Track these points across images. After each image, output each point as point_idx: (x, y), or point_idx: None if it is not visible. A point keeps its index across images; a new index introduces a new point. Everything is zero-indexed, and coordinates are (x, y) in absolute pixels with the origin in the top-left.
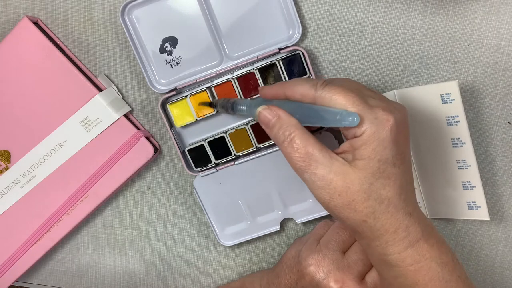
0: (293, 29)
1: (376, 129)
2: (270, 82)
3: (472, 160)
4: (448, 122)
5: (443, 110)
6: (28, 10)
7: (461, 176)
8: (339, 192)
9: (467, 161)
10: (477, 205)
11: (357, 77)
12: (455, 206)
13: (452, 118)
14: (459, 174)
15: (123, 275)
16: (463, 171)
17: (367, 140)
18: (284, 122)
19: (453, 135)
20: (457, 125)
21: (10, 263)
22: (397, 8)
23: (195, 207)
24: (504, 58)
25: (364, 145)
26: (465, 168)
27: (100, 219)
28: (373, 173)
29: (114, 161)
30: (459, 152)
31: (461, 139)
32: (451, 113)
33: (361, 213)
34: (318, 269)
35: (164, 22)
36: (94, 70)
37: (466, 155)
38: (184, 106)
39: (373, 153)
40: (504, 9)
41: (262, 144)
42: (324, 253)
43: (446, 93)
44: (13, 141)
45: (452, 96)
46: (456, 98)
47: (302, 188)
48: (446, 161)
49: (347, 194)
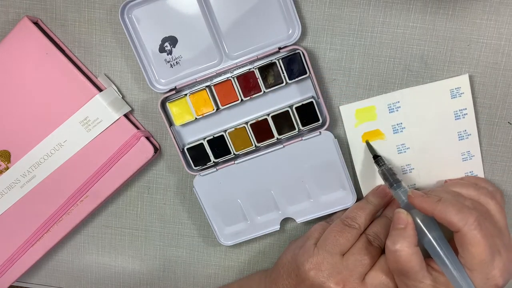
0: (293, 28)
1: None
2: (270, 81)
3: (477, 150)
4: (456, 116)
5: (451, 105)
6: (28, 10)
7: (465, 167)
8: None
9: (471, 151)
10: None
11: (357, 77)
12: None
13: (460, 111)
14: (463, 165)
15: (123, 275)
16: (466, 162)
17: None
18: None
19: (460, 128)
20: (465, 118)
21: (10, 263)
22: (397, 8)
23: (195, 207)
24: (504, 58)
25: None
26: (469, 159)
27: (100, 219)
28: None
29: (114, 161)
30: (465, 144)
31: (467, 130)
32: (459, 106)
33: None
34: (318, 273)
35: (163, 22)
36: (94, 70)
37: (471, 146)
38: (183, 105)
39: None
40: (504, 9)
41: (262, 143)
42: (323, 256)
43: (456, 87)
44: (13, 141)
45: (462, 90)
46: (465, 91)
47: (302, 188)
48: (451, 156)
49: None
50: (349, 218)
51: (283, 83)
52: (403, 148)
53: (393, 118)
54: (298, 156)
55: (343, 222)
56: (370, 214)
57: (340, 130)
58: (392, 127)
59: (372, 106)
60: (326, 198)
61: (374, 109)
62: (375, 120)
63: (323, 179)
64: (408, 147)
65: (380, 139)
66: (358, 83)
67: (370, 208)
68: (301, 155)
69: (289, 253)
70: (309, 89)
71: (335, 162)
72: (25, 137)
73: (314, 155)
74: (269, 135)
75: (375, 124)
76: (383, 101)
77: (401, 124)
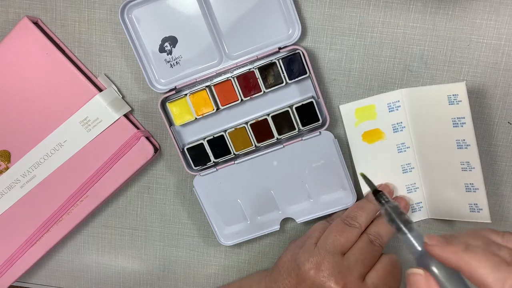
0: (293, 28)
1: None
2: (270, 81)
3: (476, 163)
4: (454, 123)
5: (449, 111)
6: (28, 10)
7: (464, 178)
8: None
9: (471, 163)
10: (479, 207)
11: (357, 77)
12: (456, 208)
13: (458, 119)
14: (462, 175)
15: (123, 275)
16: (466, 173)
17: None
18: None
19: (459, 137)
20: (463, 127)
21: (10, 263)
22: (397, 8)
23: (195, 207)
24: (504, 58)
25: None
26: (468, 170)
27: (100, 219)
28: None
29: (114, 161)
30: (464, 154)
31: (466, 141)
32: (457, 114)
33: None
34: (318, 272)
35: (163, 22)
36: (94, 70)
37: (470, 157)
38: (183, 105)
39: None
40: (504, 9)
41: (262, 143)
42: (323, 256)
43: (454, 94)
44: (13, 141)
45: (459, 98)
46: (463, 99)
47: (302, 188)
48: (450, 162)
49: None
50: (349, 217)
51: (283, 83)
52: (403, 147)
53: (393, 117)
54: (298, 156)
55: (344, 222)
56: (370, 214)
57: (340, 130)
58: (392, 126)
59: (372, 105)
60: (326, 198)
61: (374, 108)
62: (375, 119)
63: (323, 179)
64: (408, 146)
65: (380, 140)
66: (358, 83)
67: (371, 207)
68: (301, 155)
69: (289, 252)
70: (309, 89)
71: (335, 162)
72: (25, 137)
73: (314, 155)
74: (269, 135)
75: (375, 123)
76: (383, 100)
77: (401, 123)
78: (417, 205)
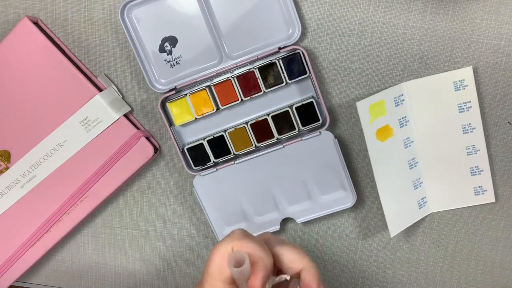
0: (293, 29)
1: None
2: (270, 81)
3: (482, 144)
4: (460, 108)
5: (455, 97)
6: (28, 10)
7: (469, 162)
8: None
9: (476, 145)
10: (484, 189)
11: (357, 77)
12: (462, 194)
13: (464, 104)
14: (467, 160)
15: (123, 275)
16: (471, 157)
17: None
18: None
19: (464, 122)
20: (469, 111)
21: (10, 263)
22: (397, 8)
23: (195, 207)
24: (504, 58)
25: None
26: (474, 153)
27: (100, 219)
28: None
29: (114, 161)
30: (469, 138)
31: (472, 124)
32: (463, 99)
33: None
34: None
35: (163, 22)
36: (94, 70)
37: (476, 140)
38: (183, 105)
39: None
40: (504, 9)
41: (262, 143)
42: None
43: (460, 80)
44: (13, 141)
45: (466, 82)
46: (469, 84)
47: (302, 188)
48: (455, 148)
49: None
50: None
51: (283, 83)
52: (408, 141)
53: (398, 111)
54: (298, 156)
55: None
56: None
57: (340, 130)
58: (399, 121)
59: (382, 100)
60: (326, 198)
61: (384, 103)
62: (385, 115)
63: (323, 179)
64: (412, 141)
65: (390, 137)
66: (358, 83)
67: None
68: (301, 155)
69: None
70: (309, 89)
71: (335, 162)
72: (25, 137)
73: (314, 155)
74: (269, 135)
75: (385, 120)
76: (390, 94)
77: (406, 117)
78: (422, 200)
